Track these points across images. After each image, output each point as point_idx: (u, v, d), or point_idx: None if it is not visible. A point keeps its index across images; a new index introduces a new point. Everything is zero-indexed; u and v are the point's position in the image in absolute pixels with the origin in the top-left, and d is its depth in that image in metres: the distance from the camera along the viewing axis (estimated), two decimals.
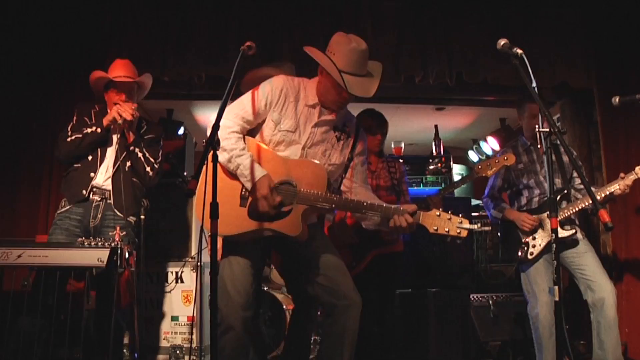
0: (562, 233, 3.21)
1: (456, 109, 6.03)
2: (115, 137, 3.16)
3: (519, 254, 3.29)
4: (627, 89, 3.84)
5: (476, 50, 4.20)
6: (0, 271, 2.63)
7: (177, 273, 4.01)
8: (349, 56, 2.31)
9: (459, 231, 2.22)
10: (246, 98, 2.42)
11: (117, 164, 3.11)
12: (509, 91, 4.28)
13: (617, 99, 2.94)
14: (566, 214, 3.24)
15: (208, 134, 2.32)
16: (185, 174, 4.22)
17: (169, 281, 4.02)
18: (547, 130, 2.22)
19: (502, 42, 2.30)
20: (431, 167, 5.64)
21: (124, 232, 2.91)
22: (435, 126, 6.33)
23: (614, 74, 4.28)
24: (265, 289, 4.30)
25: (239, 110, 2.40)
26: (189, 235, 4.09)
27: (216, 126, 2.07)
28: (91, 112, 3.21)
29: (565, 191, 3.31)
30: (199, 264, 4.01)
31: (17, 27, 4.01)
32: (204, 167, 2.02)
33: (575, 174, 3.41)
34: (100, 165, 3.10)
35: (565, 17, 4.37)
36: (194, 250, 4.06)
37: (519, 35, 4.15)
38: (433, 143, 6.26)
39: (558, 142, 2.23)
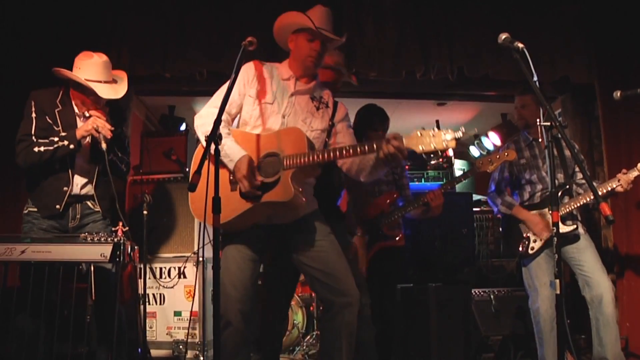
0: (564, 228, 3.21)
1: (457, 104, 6.01)
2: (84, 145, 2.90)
3: (520, 248, 3.30)
4: (628, 84, 3.82)
5: (477, 45, 4.19)
6: (4, 267, 2.64)
7: (179, 268, 4.03)
8: (317, 13, 2.54)
9: (445, 144, 2.12)
10: (225, 86, 2.51)
11: (96, 173, 2.97)
12: (510, 86, 4.27)
13: (618, 94, 2.94)
14: (568, 209, 3.25)
15: (196, 128, 2.45)
16: (187, 169, 4.24)
17: (172, 276, 4.04)
18: (548, 124, 2.22)
19: (503, 36, 2.30)
20: (432, 162, 5.65)
21: (126, 228, 2.92)
22: (437, 121, 6.32)
23: (616, 68, 4.27)
24: None
25: (220, 94, 2.50)
26: (192, 230, 4.10)
27: (218, 121, 2.10)
28: (55, 112, 2.91)
29: (567, 186, 3.31)
30: (201, 259, 4.03)
31: (18, 23, 4.01)
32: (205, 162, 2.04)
33: (577, 169, 3.42)
34: (72, 176, 2.91)
35: (567, 11, 4.35)
36: (196, 246, 4.07)
37: (520, 29, 4.14)
38: None
39: (559, 136, 2.22)
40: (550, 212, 3.03)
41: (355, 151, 2.31)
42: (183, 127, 5.56)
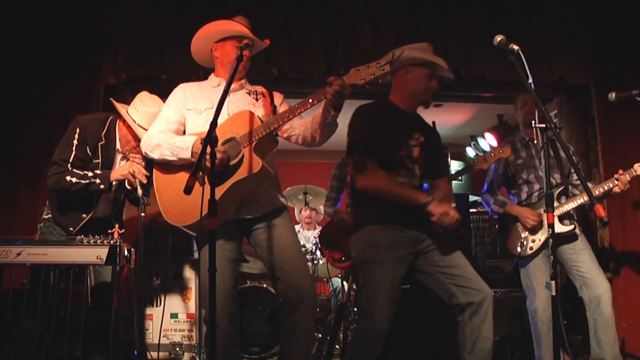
0: (562, 228, 3.23)
1: (454, 105, 6.03)
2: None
3: (519, 249, 3.31)
4: (624, 85, 3.85)
5: (474, 46, 4.20)
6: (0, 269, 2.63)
7: (176, 270, 4.02)
8: (243, 22, 2.70)
9: (381, 69, 2.24)
10: (162, 109, 2.70)
11: (116, 203, 3.04)
12: (506, 87, 4.28)
13: (613, 95, 2.96)
14: (565, 209, 3.25)
15: (146, 152, 2.55)
16: None
17: (169, 278, 4.03)
18: (544, 126, 2.23)
19: (498, 38, 2.30)
20: None
21: (122, 230, 2.91)
22: (433, 122, 6.28)
23: (612, 69, 4.28)
24: (265, 285, 4.31)
25: (160, 116, 2.66)
26: None
27: (214, 124, 2.10)
28: (98, 145, 2.93)
29: (564, 186, 3.32)
30: (198, 260, 4.01)
31: (16, 23, 4.01)
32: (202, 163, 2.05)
33: (572, 170, 3.43)
34: (96, 206, 2.96)
35: (564, 12, 4.37)
36: (193, 247, 4.06)
37: (516, 30, 4.16)
38: None
39: (554, 138, 2.24)
40: (545, 212, 3.06)
41: (305, 105, 2.37)
42: None
